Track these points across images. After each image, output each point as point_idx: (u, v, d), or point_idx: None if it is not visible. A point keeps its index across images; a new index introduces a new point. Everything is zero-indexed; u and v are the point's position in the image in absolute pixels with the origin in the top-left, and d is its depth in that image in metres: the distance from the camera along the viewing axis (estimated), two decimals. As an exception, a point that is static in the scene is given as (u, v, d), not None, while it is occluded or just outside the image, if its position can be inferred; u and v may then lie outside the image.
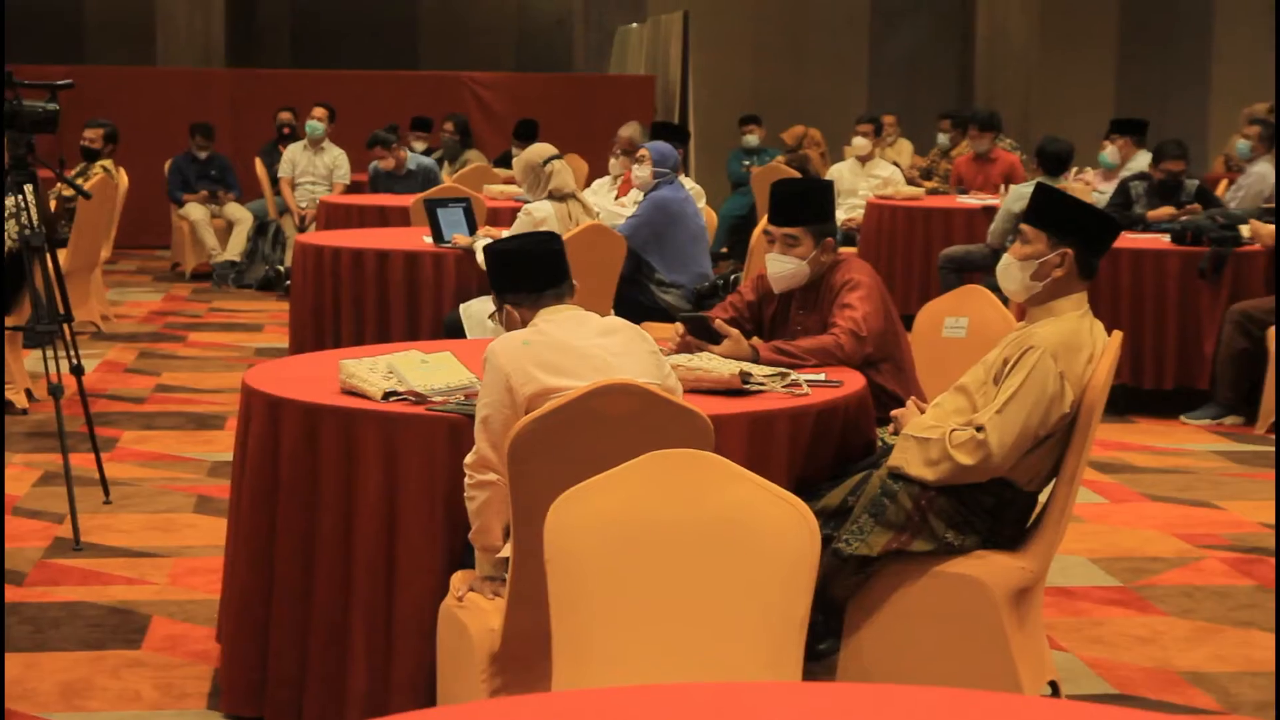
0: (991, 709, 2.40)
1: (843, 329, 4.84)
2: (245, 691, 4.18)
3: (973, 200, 11.20)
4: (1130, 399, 8.24)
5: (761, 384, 4.39)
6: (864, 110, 15.48)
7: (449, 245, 7.83)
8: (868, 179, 12.25)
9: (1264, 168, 10.80)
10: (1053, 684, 4.29)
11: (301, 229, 12.91)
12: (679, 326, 5.04)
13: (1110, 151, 11.24)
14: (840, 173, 12.46)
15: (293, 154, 13.52)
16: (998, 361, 4.20)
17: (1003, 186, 11.18)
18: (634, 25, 19.07)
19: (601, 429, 3.49)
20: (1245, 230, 8.29)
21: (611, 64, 19.50)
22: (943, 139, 14.44)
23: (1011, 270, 4.33)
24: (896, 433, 4.33)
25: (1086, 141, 13.10)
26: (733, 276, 8.32)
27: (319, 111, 13.53)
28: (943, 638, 4.18)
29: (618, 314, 6.79)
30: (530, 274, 3.85)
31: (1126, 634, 4.94)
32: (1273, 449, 7.47)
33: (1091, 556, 5.74)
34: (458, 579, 3.81)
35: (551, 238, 4.02)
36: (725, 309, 5.25)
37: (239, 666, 4.19)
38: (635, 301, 7.61)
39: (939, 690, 2.49)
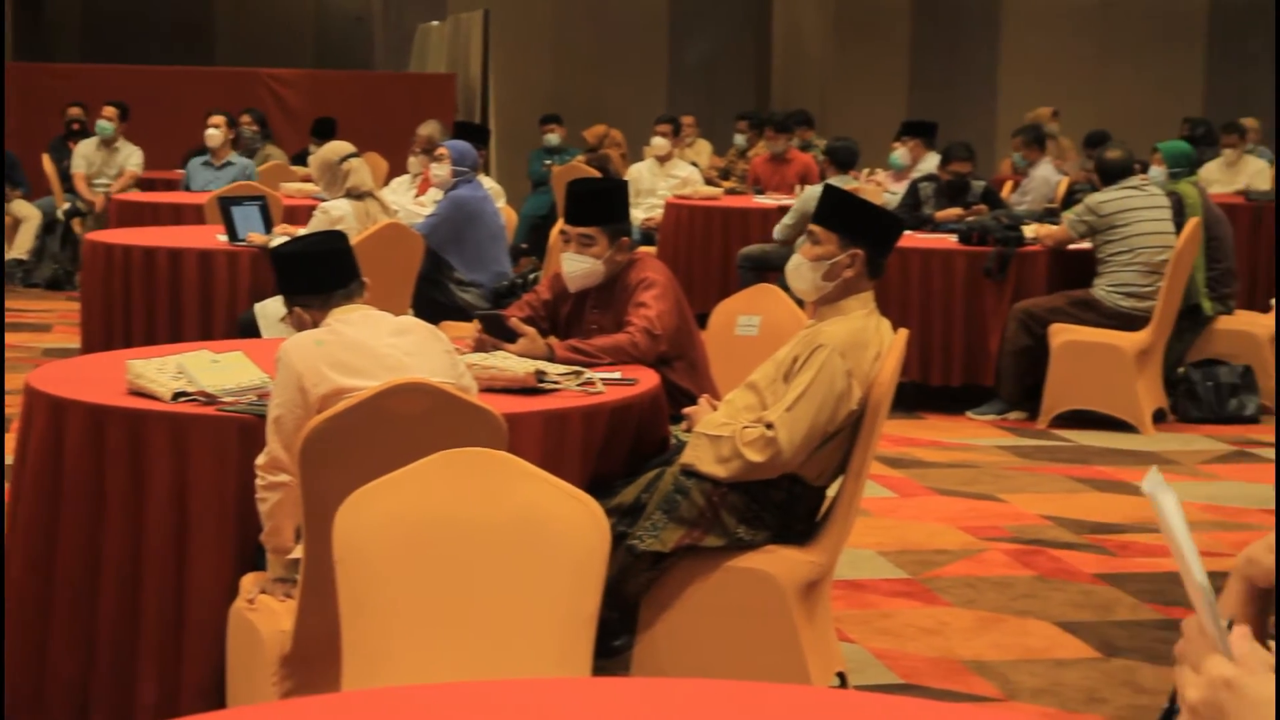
0: (780, 700, 2.45)
1: (637, 327, 4.89)
2: (25, 700, 4.09)
3: (769, 200, 11.36)
4: (919, 395, 8.44)
5: (556, 382, 4.42)
6: (663, 111, 15.60)
7: (244, 243, 7.74)
8: (666, 179, 12.35)
9: (1046, 170, 11.13)
10: (841, 675, 4.39)
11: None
12: (475, 325, 5.05)
13: (901, 153, 11.48)
14: (639, 172, 12.55)
15: (86, 151, 13.23)
16: (787, 359, 4.28)
17: (798, 186, 11.35)
18: (434, 23, 18.99)
19: (394, 429, 3.49)
20: (1029, 231, 8.54)
21: (411, 62, 19.39)
22: (740, 140, 14.62)
23: (802, 270, 4.42)
24: (689, 430, 4.39)
25: (880, 143, 13.36)
26: (532, 275, 8.34)
27: (109, 111, 13.24)
28: (734, 631, 4.25)
29: (416, 313, 6.84)
30: (317, 275, 3.83)
31: (913, 625, 5.07)
32: (1053, 443, 7.70)
33: (880, 549, 5.87)
34: (249, 581, 3.78)
35: (337, 237, 4.00)
36: (521, 308, 5.27)
37: (18, 674, 4.09)
38: (434, 300, 7.60)
39: (729, 683, 2.54)
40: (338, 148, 7.55)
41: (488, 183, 9.16)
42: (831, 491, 4.37)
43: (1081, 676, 4.63)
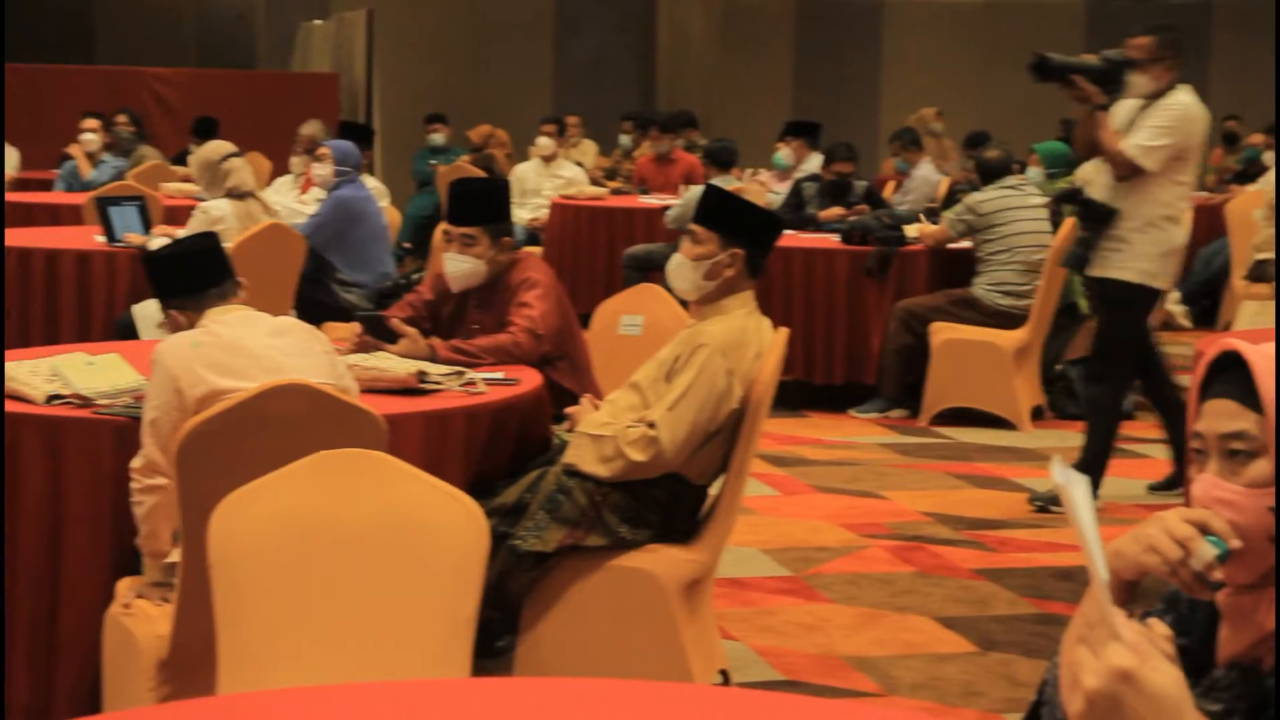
0: (662, 699, 2.46)
1: (520, 327, 4.89)
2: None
3: (654, 201, 11.39)
4: (802, 394, 8.50)
5: (438, 383, 4.41)
6: (549, 111, 15.60)
7: (122, 244, 7.64)
8: (552, 179, 12.35)
9: (927, 170, 11.26)
10: (723, 672, 4.42)
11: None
12: (356, 326, 5.03)
13: (784, 153, 11.56)
14: (525, 172, 12.54)
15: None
16: (669, 359, 4.30)
17: (682, 187, 11.39)
18: (317, 22, 18.84)
19: (273, 430, 3.47)
20: (910, 230, 8.63)
21: (294, 61, 19.22)
22: (625, 140, 14.65)
23: (683, 270, 4.44)
24: (572, 430, 4.40)
25: (764, 143, 13.44)
26: (415, 276, 8.31)
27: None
28: (616, 630, 4.26)
29: (299, 313, 6.78)
30: (190, 276, 3.79)
31: (794, 622, 5.11)
32: (933, 440, 7.79)
33: (763, 547, 5.91)
34: (124, 586, 3.74)
35: (208, 237, 3.97)
36: (403, 308, 5.25)
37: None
38: (317, 301, 7.55)
39: (611, 682, 2.55)
40: (218, 147, 7.48)
41: (371, 183, 9.11)
42: (714, 490, 4.40)
43: (960, 671, 4.70)
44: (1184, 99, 6.22)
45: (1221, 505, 1.92)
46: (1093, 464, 6.41)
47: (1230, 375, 1.94)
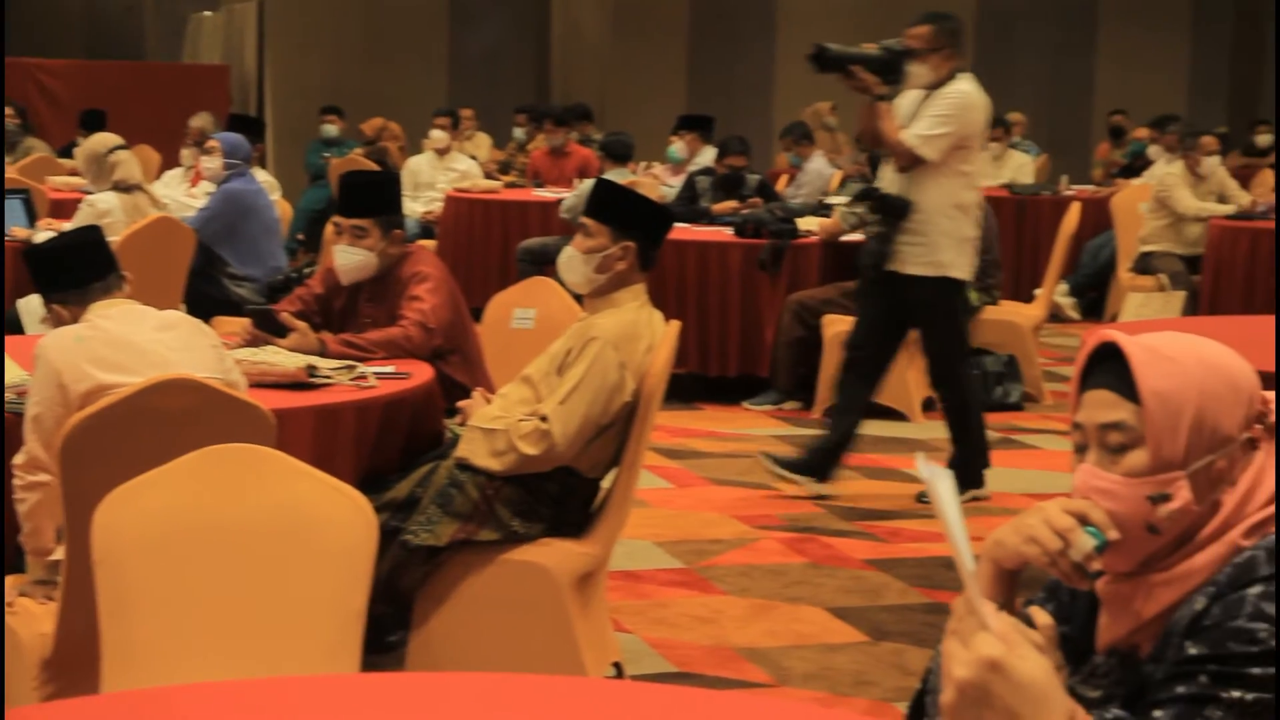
0: (554, 692, 2.46)
1: (411, 321, 4.87)
2: None
3: (549, 194, 11.37)
4: (696, 387, 8.52)
5: (328, 377, 4.38)
6: (442, 104, 15.52)
7: (6, 238, 7.52)
8: (446, 172, 12.30)
9: (820, 163, 11.34)
10: (616, 665, 4.42)
11: None
12: (247, 320, 4.98)
13: (679, 146, 11.59)
14: (418, 165, 12.48)
15: None
16: (561, 352, 4.30)
17: (577, 180, 11.39)
18: (207, 14, 18.65)
19: (159, 425, 3.43)
20: (803, 223, 8.68)
21: (184, 53, 19.01)
22: (519, 133, 14.61)
23: (574, 263, 4.45)
24: (464, 424, 4.39)
25: (658, 137, 13.46)
26: (307, 270, 8.24)
27: None
28: (509, 624, 4.26)
29: (189, 307, 6.71)
30: (72, 270, 3.74)
31: (688, 614, 5.12)
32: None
33: (657, 540, 5.92)
34: (7, 584, 3.68)
35: (91, 230, 3.92)
36: (293, 302, 5.21)
37: None
38: (207, 295, 7.47)
39: (502, 676, 2.54)
40: (104, 139, 7.39)
41: (262, 176, 9.03)
42: (606, 483, 4.40)
43: (851, 660, 4.73)
44: (964, 88, 6.19)
45: (1100, 495, 1.94)
46: (970, 459, 6.45)
47: (1108, 367, 1.97)
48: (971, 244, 6.35)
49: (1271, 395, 2.00)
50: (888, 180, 6.31)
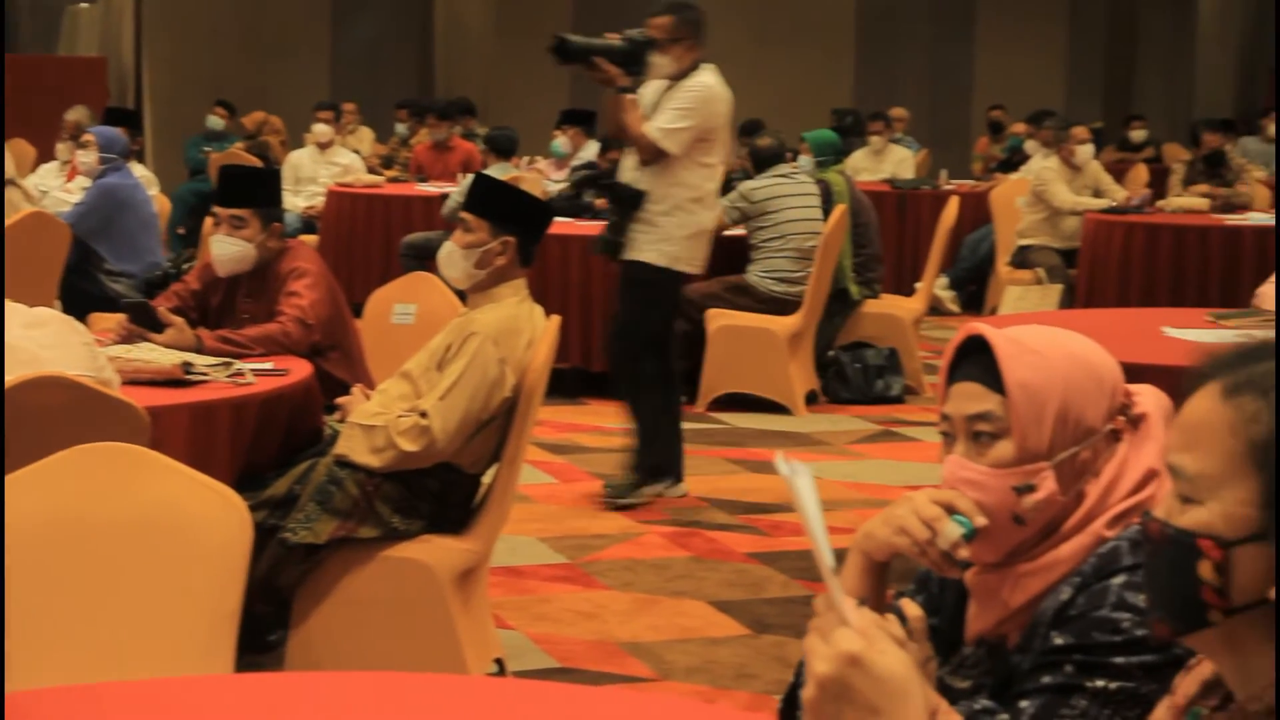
0: (434, 690, 2.45)
1: (289, 316, 4.82)
2: None
3: (432, 188, 11.32)
4: (581, 381, 8.52)
5: (204, 374, 4.33)
6: (325, 97, 15.41)
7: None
8: (328, 166, 12.21)
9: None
10: (498, 661, 4.42)
11: None
12: (123, 315, 4.91)
13: (562, 141, 11.58)
14: (300, 159, 12.38)
15: None
16: (441, 348, 4.28)
17: (460, 174, 11.35)
18: (84, 5, 18.36)
19: (30, 424, 3.37)
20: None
21: (60, 45, 18.70)
22: (401, 128, 14.53)
23: (454, 258, 4.43)
24: (343, 420, 4.35)
25: (542, 131, 13.45)
26: (185, 265, 8.14)
27: None
28: (390, 622, 4.23)
29: (64, 304, 6.60)
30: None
31: (571, 609, 5.12)
32: (710, 426, 7.87)
33: (540, 535, 5.92)
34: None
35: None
36: (170, 297, 5.15)
37: None
38: (83, 291, 7.35)
39: (382, 674, 2.53)
40: (-25, 133, 7.25)
41: (139, 170, 8.92)
42: (487, 479, 4.39)
43: (733, 654, 4.75)
44: (706, 80, 6.13)
45: (967, 485, 1.97)
46: (644, 454, 6.33)
47: (975, 359, 2.00)
48: (706, 237, 6.27)
49: (1135, 388, 2.03)
50: (627, 171, 6.19)
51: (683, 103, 6.07)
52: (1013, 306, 9.66)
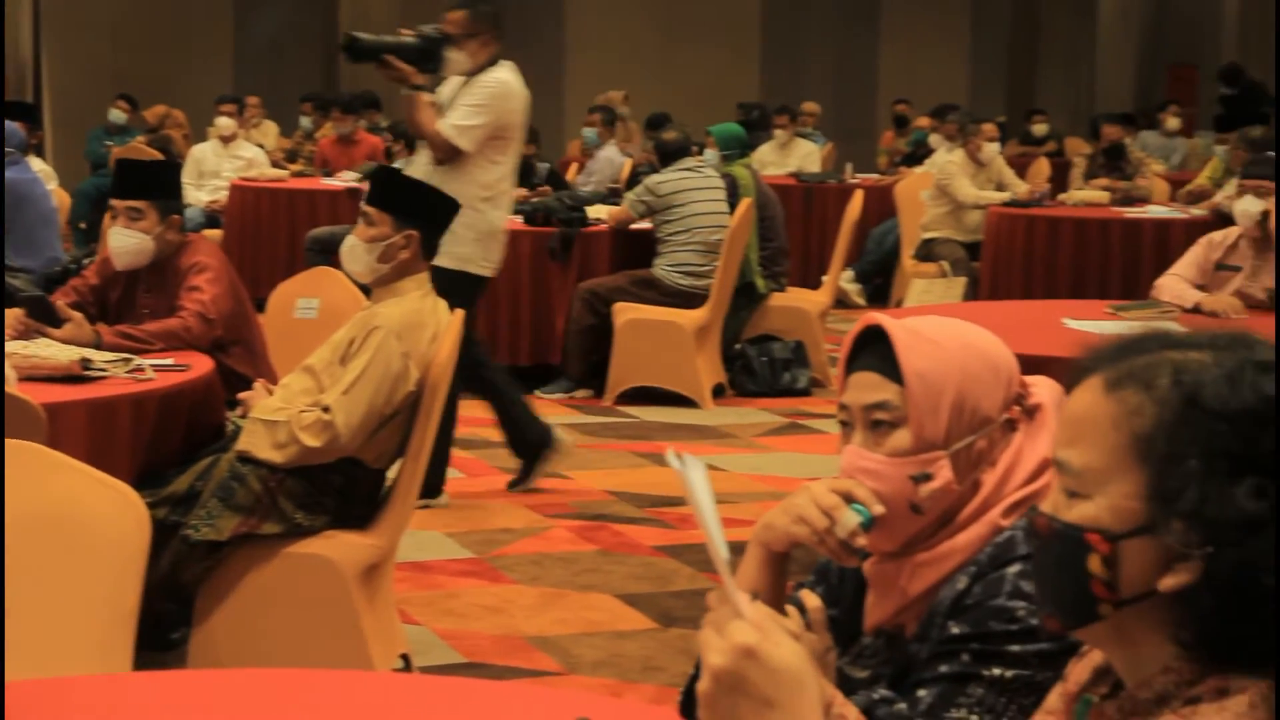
0: (339, 686, 2.43)
1: (190, 311, 4.78)
2: None
3: (337, 183, 11.25)
4: (488, 376, 8.49)
5: (103, 369, 4.27)
6: (228, 91, 15.26)
7: None
8: (231, 160, 12.10)
9: (611, 152, 11.37)
10: (404, 657, 4.39)
11: None
12: (19, 310, 4.84)
13: (469, 135, 11.51)
14: (203, 154, 12.26)
15: None
16: (344, 342, 4.26)
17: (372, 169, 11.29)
18: (-20, -3, 18.08)
19: (-78, 422, 3.32)
20: (593, 211, 8.70)
21: (-44, 37, 18.41)
22: (306, 121, 14.43)
23: (357, 252, 4.41)
24: (245, 416, 4.31)
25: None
26: (86, 260, 8.04)
27: None
28: (294, 618, 4.20)
29: (-41, 300, 6.49)
30: None
31: (477, 604, 5.11)
32: (618, 420, 7.87)
33: (447, 530, 5.89)
34: None
35: None
36: (68, 293, 5.08)
37: None
38: (-21, 287, 7.24)
39: (286, 671, 2.51)
40: None
41: (38, 164, 8.79)
42: (392, 474, 4.37)
43: (640, 647, 4.76)
44: (501, 76, 6.00)
45: (865, 475, 1.98)
46: (512, 425, 6.35)
47: (874, 349, 2.01)
48: (499, 238, 6.16)
49: (1030, 379, 2.05)
50: (419, 168, 5.99)
51: (477, 99, 5.92)
52: (918, 299, 9.73)
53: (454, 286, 5.74)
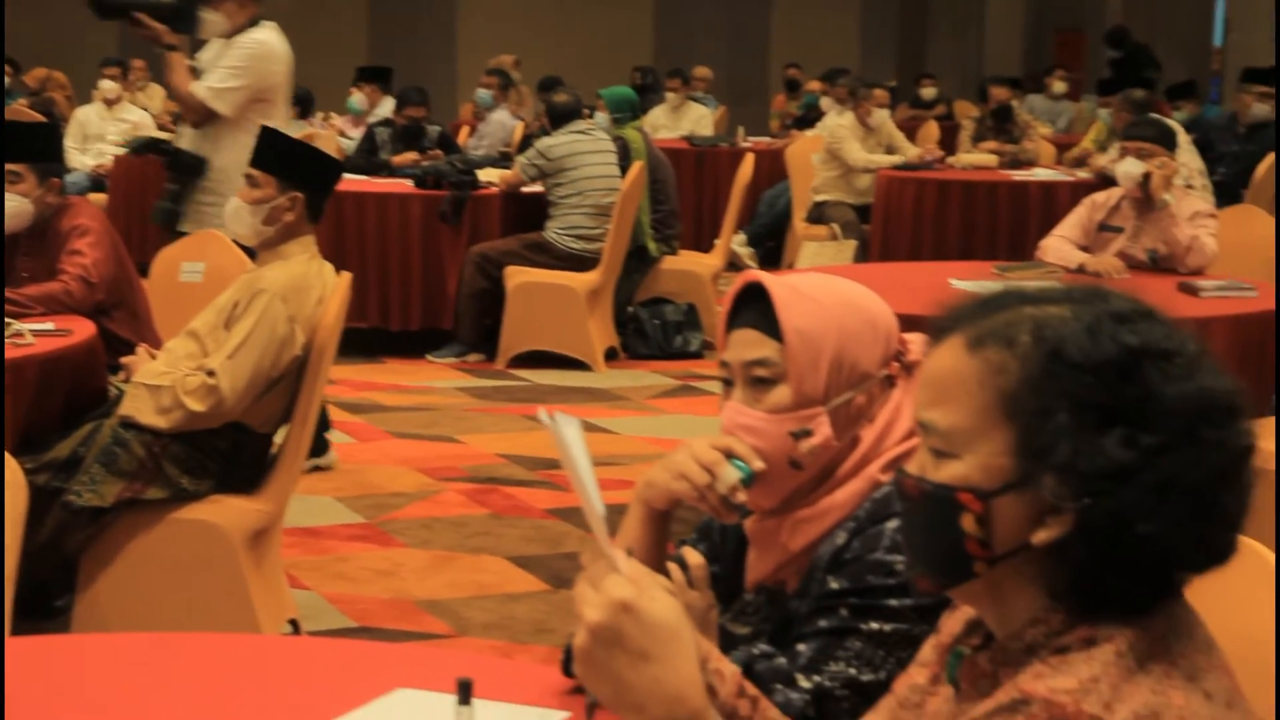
0: (225, 650, 2.42)
1: (72, 275, 4.71)
2: None
3: (225, 146, 11.10)
4: (379, 340, 8.46)
5: (-19, 335, 4.20)
6: (113, 53, 15.01)
7: None
8: (116, 123, 11.91)
9: (502, 115, 11.32)
10: (293, 622, 4.37)
11: None
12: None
13: (358, 98, 11.45)
14: (87, 117, 12.06)
15: None
16: (228, 305, 4.21)
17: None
18: None
19: None
20: (484, 175, 8.66)
21: None
22: (194, 83, 14.22)
23: (241, 215, 4.36)
24: (128, 380, 4.26)
25: (338, 88, 13.27)
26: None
27: None
28: (181, 584, 4.16)
29: None
30: None
31: (368, 568, 5.08)
32: (510, 383, 7.86)
33: (338, 495, 5.86)
34: None
35: None
36: (-55, 259, 4.98)
37: None
38: None
39: (172, 635, 2.48)
40: None
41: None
42: (279, 438, 4.33)
43: (530, 609, 4.76)
44: (261, 37, 5.81)
45: (745, 431, 1.99)
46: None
47: (754, 306, 2.01)
48: None
49: (909, 336, 2.06)
50: (187, 136, 5.87)
51: (235, 61, 5.73)
52: (809, 262, 9.78)
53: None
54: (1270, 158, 9.35)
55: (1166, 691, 1.33)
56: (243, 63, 5.73)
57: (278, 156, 4.34)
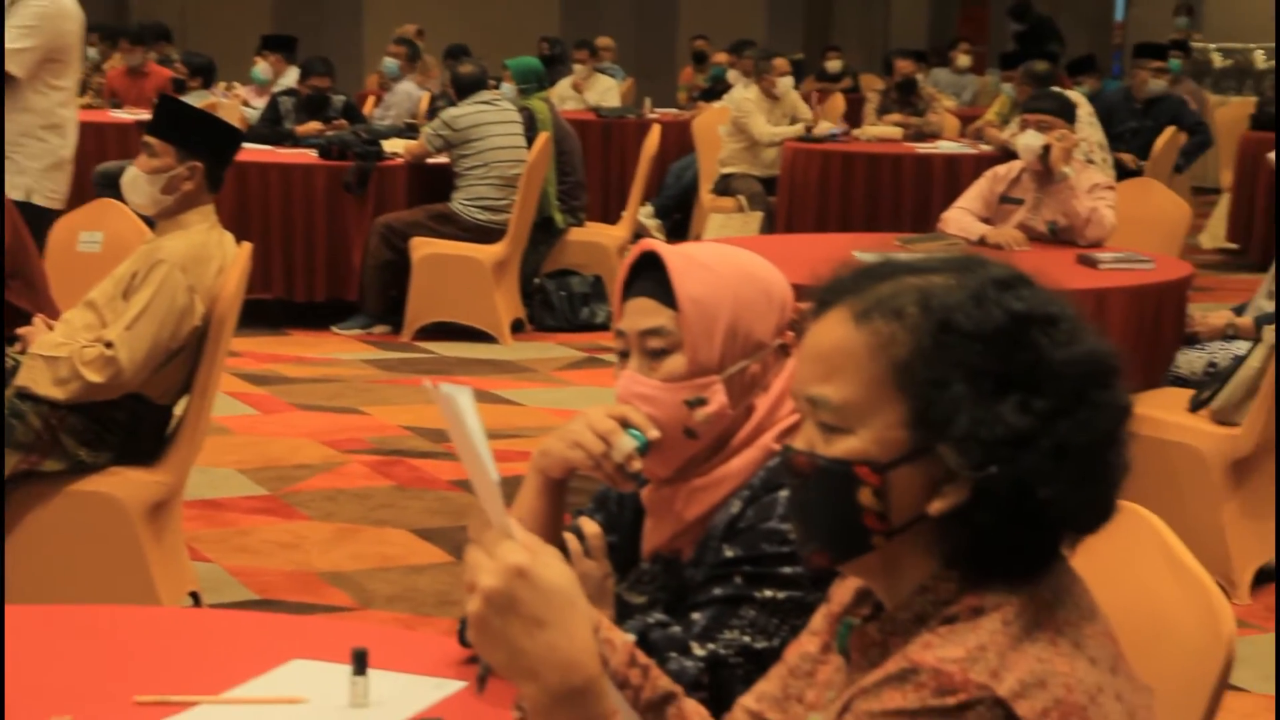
0: (124, 622, 2.40)
1: (-34, 246, 4.63)
2: None
3: (126, 115, 10.96)
4: (284, 312, 8.39)
5: (-127, 306, 4.13)
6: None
7: None
8: (14, 92, 11.72)
9: (408, 86, 11.26)
10: (194, 595, 4.34)
11: None
12: None
13: (263, 68, 11.33)
14: (-16, 85, 11.85)
15: None
16: (126, 276, 4.16)
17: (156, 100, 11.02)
18: None
19: None
20: (389, 145, 8.61)
21: None
22: (93, 52, 14.03)
23: (139, 184, 4.30)
24: (24, 352, 4.20)
25: (242, 57, 13.13)
26: None
27: None
28: (79, 557, 4.12)
29: None
30: None
31: (271, 540, 5.05)
32: (415, 355, 7.83)
33: (240, 468, 5.81)
34: None
35: None
36: None
37: None
38: None
39: (71, 608, 2.46)
40: None
41: None
42: (179, 410, 4.29)
43: (434, 581, 4.75)
44: None
45: (640, 400, 1.99)
46: None
47: (649, 275, 2.02)
48: (66, 169, 5.75)
49: (804, 305, 2.07)
50: None
51: (25, 20, 5.48)
52: (716, 233, 9.81)
53: (24, 219, 5.16)
54: (1168, 132, 9.47)
55: (1052, 659, 1.35)
56: (34, 22, 5.52)
57: (176, 125, 4.29)
